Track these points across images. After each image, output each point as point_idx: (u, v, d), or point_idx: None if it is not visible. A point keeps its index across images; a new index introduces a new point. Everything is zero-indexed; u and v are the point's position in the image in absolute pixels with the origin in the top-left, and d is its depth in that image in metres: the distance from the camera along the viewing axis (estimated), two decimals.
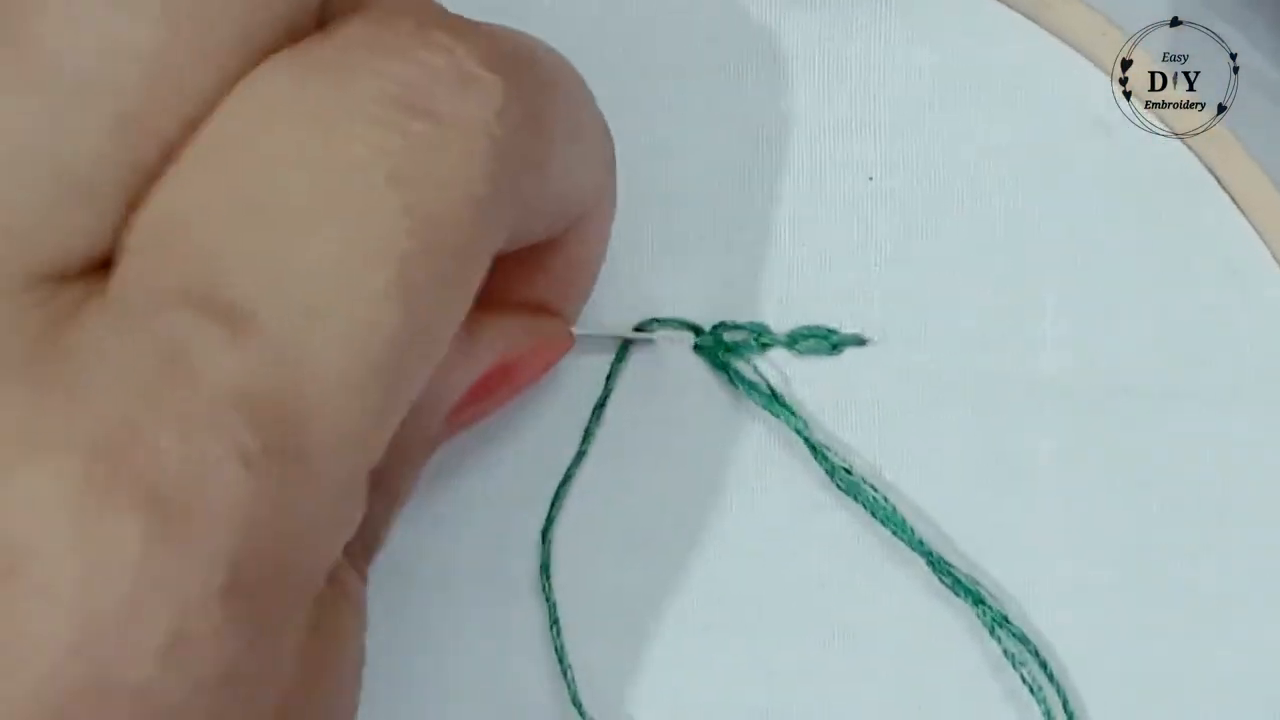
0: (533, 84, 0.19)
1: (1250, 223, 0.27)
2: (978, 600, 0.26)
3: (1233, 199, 0.27)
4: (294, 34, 0.18)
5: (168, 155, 0.17)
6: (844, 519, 0.26)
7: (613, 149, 0.23)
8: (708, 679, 0.26)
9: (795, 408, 0.26)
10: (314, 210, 0.16)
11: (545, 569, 0.26)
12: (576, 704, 0.25)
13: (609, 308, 0.27)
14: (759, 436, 0.27)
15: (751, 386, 0.26)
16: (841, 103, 0.27)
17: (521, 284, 0.23)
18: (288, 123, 0.17)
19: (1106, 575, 0.26)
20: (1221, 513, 0.26)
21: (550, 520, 0.26)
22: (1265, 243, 0.27)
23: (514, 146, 0.18)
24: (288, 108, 0.17)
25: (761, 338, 0.27)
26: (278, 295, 0.16)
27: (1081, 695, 0.26)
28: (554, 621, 0.26)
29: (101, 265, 0.17)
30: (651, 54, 0.27)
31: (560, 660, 0.25)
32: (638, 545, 0.26)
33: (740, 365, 0.27)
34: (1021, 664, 0.26)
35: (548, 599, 0.26)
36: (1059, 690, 0.26)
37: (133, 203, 0.17)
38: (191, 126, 0.17)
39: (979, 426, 0.27)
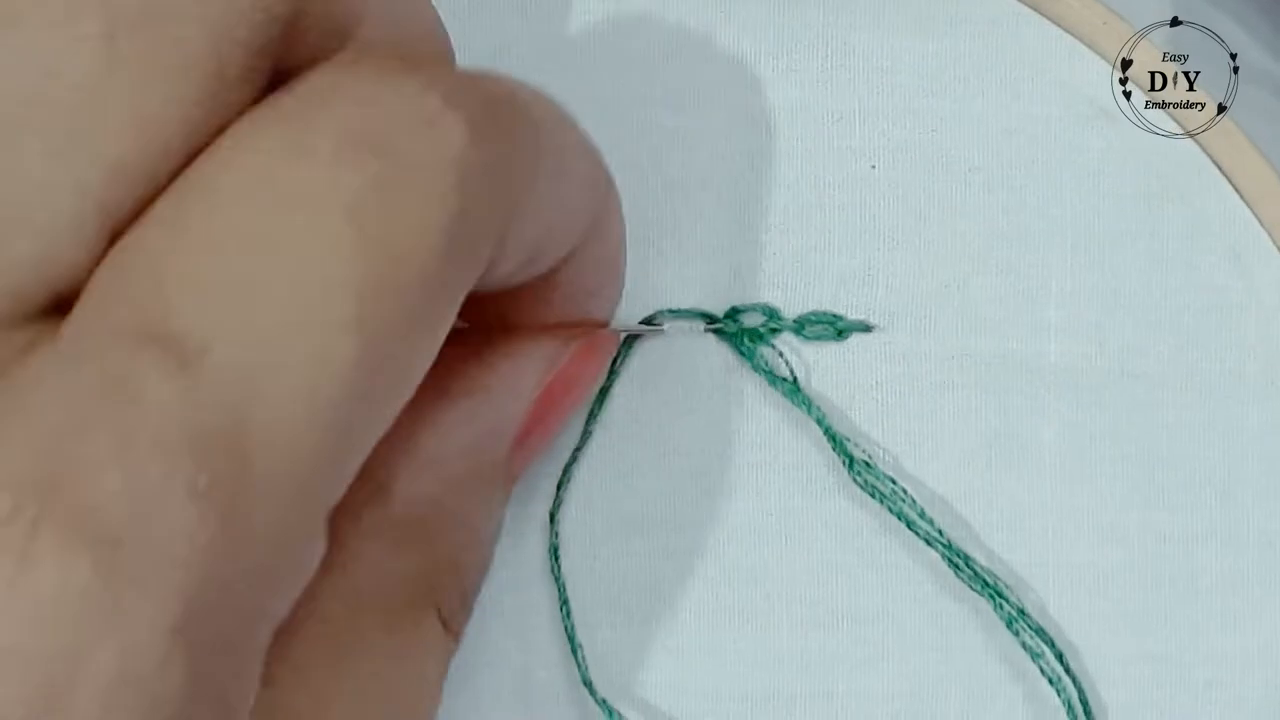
0: (506, 127, 0.19)
1: (1253, 212, 0.27)
2: (996, 594, 0.25)
3: (1236, 188, 0.27)
4: (268, 77, 0.18)
5: (138, 202, 0.17)
6: (850, 505, 0.26)
7: (605, 177, 0.23)
8: (716, 661, 0.26)
9: (812, 396, 0.26)
10: (269, 241, 0.16)
11: (554, 551, 0.25)
12: (587, 684, 0.25)
13: None
14: (765, 420, 0.26)
15: (774, 376, 0.26)
16: (844, 91, 0.28)
17: (542, 308, 0.23)
18: (246, 161, 0.17)
19: (1110, 560, 0.26)
20: (1225, 500, 0.26)
21: (558, 502, 0.26)
22: (1268, 231, 0.27)
23: (481, 187, 0.18)
24: (247, 149, 0.17)
25: (770, 322, 0.27)
26: (230, 325, 0.16)
27: (1086, 677, 0.26)
28: (564, 603, 0.25)
29: (61, 309, 0.17)
30: (654, 44, 0.28)
31: (570, 641, 0.25)
32: (646, 527, 0.26)
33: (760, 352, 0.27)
34: (1038, 655, 0.25)
35: (557, 580, 0.25)
36: (1075, 682, 0.25)
37: (94, 247, 0.17)
38: (161, 174, 0.17)
39: (984, 412, 0.27)
